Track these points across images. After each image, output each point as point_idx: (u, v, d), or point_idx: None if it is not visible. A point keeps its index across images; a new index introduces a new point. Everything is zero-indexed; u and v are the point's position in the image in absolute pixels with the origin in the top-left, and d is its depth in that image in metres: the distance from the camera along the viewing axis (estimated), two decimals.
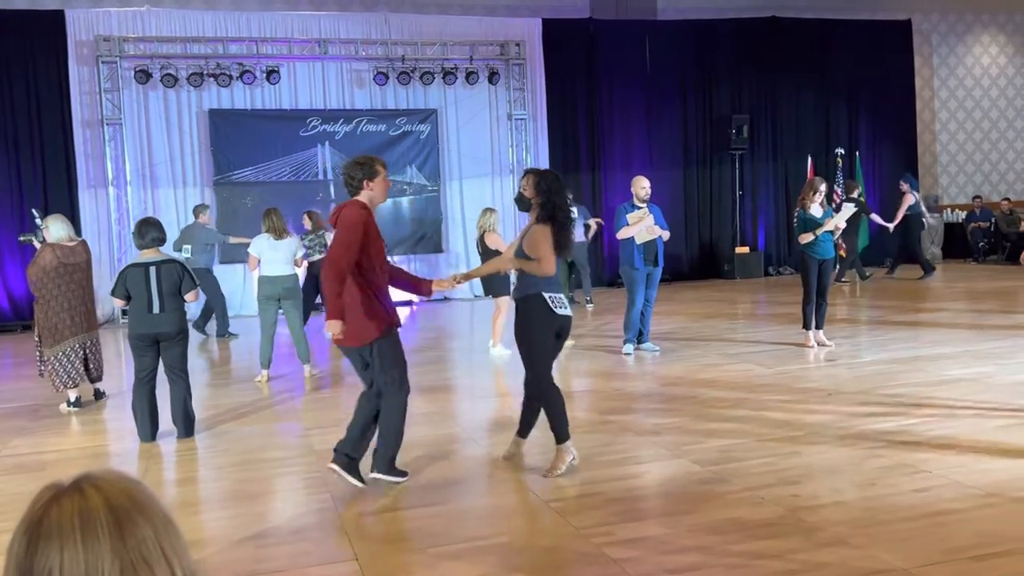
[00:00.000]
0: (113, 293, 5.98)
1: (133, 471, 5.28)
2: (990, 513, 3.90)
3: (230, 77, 12.96)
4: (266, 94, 13.46)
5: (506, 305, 8.76)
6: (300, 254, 8.22)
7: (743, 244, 15.91)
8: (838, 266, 14.28)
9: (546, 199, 4.70)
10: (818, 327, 8.38)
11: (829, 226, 8.22)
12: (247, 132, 13.20)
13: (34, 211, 8.11)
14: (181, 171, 13.21)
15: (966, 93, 17.93)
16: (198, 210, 10.97)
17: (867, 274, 13.96)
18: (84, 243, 7.15)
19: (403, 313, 12.63)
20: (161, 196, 13.13)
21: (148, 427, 5.98)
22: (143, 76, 12.64)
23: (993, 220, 16.81)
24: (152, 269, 5.85)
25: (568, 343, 9.09)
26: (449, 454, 5.38)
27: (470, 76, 14.03)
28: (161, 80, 12.75)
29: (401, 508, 4.39)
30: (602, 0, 15.27)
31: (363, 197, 4.70)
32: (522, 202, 4.87)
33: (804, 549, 3.62)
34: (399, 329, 4.74)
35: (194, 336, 9.52)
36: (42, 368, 7.06)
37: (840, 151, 15.25)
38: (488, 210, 8.97)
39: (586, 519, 4.09)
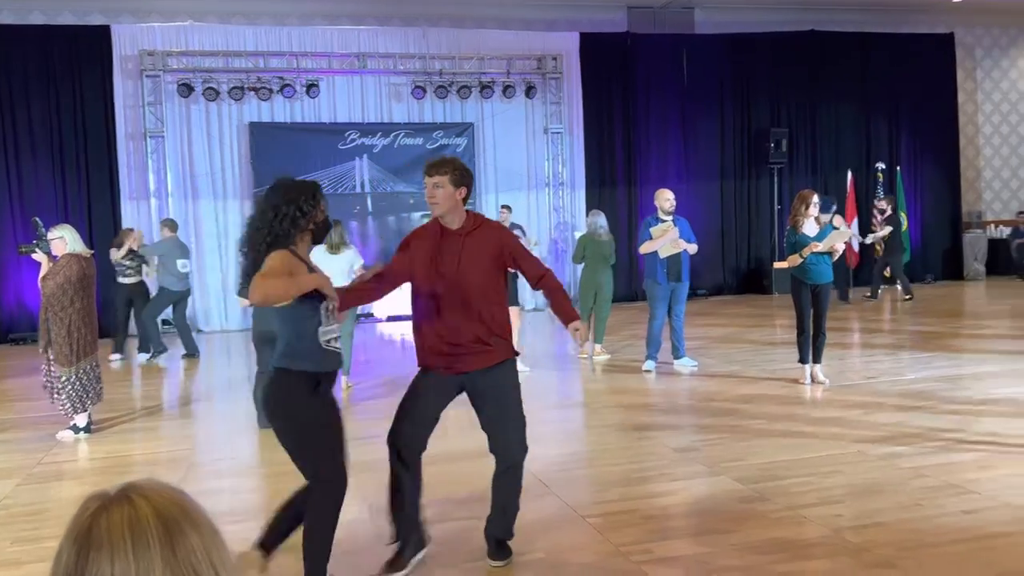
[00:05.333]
0: (239, 293, 6.58)
1: (172, 480, 5.32)
2: None
3: (270, 91, 13.12)
4: (305, 107, 13.61)
5: (518, 317, 8.54)
6: (358, 265, 8.32)
7: (782, 259, 15.72)
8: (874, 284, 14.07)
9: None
10: (815, 361, 7.37)
11: (820, 247, 7.09)
12: (286, 145, 13.34)
13: (37, 219, 7.10)
14: (222, 183, 13.38)
15: (1011, 107, 17.61)
16: (165, 223, 10.65)
17: (909, 294, 13.59)
18: (93, 257, 6.90)
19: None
20: (202, 207, 13.31)
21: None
22: (185, 90, 12.85)
23: None
24: None
25: (603, 357, 9.07)
26: (482, 468, 5.34)
27: (507, 90, 14.06)
28: (203, 94, 12.95)
29: (438, 521, 4.36)
30: (639, 14, 15.25)
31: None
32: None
33: (849, 571, 3.53)
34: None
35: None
36: (54, 388, 6.44)
37: (881, 166, 15.04)
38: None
39: (624, 536, 4.04)
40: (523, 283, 9.52)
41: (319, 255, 8.19)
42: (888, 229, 13.86)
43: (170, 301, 10.27)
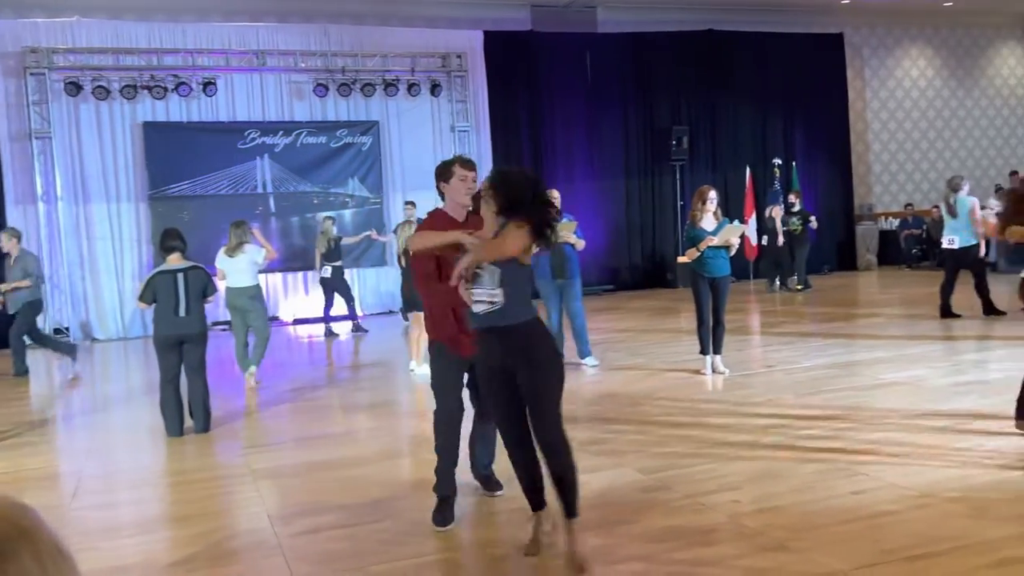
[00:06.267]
0: (140, 298, 6.50)
1: (63, 495, 5.09)
2: (924, 514, 3.96)
3: (165, 89, 12.71)
4: (203, 106, 13.23)
5: None
6: (262, 257, 8.24)
7: (684, 254, 16.08)
8: (777, 278, 14.53)
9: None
10: (715, 351, 7.53)
11: (716, 241, 7.30)
12: (183, 145, 12.94)
13: None
14: (115, 186, 12.89)
15: (897, 104, 18.45)
16: (15, 234, 9.64)
17: (799, 286, 14.05)
18: None
19: (341, 328, 12.46)
20: (94, 211, 12.80)
21: (177, 423, 6.39)
22: (73, 88, 12.33)
23: (924, 227, 17.30)
24: (180, 275, 6.36)
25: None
26: (393, 469, 5.30)
27: (412, 88, 13.97)
28: (92, 92, 12.45)
29: (342, 526, 4.30)
30: (543, 13, 15.37)
31: (446, 203, 4.35)
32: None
33: (745, 555, 3.63)
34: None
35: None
36: None
37: (777, 161, 15.54)
38: (408, 222, 8.98)
39: (530, 531, 4.04)
40: None
41: (221, 256, 8.19)
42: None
43: (38, 312, 9.59)
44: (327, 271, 11.79)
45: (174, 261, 6.44)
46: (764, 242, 14.55)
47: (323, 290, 12.09)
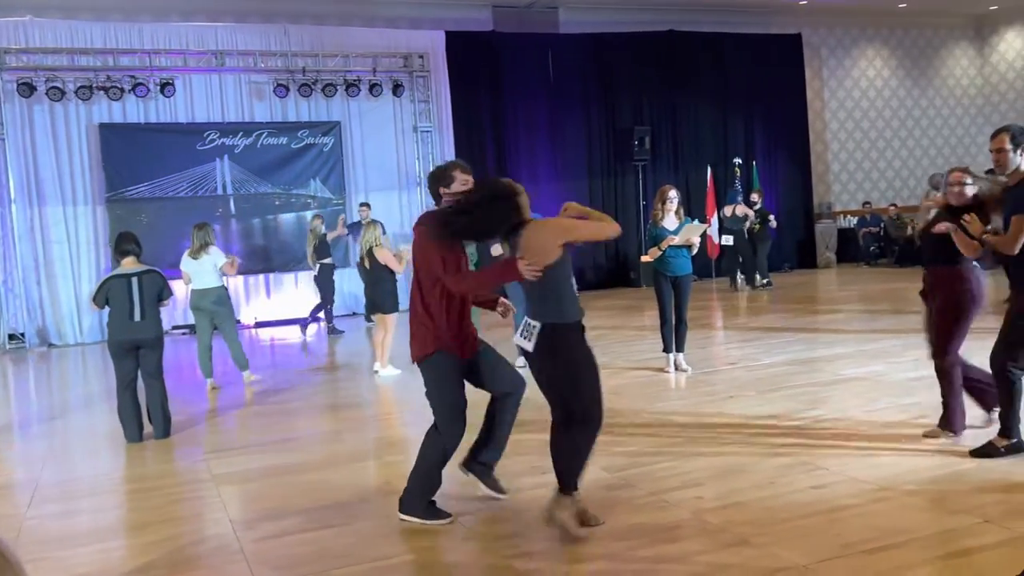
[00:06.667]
0: (93, 299, 6.42)
1: (19, 503, 4.98)
2: (883, 507, 4.02)
3: (121, 90, 12.52)
4: (161, 107, 13.04)
5: (392, 323, 8.54)
6: (223, 262, 8.17)
7: (647, 253, 16.16)
8: (742, 274, 14.67)
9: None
10: (678, 350, 7.59)
11: (677, 240, 7.40)
12: (141, 147, 12.74)
13: None
14: (71, 188, 12.65)
15: (854, 104, 18.74)
16: None
17: (764, 282, 14.21)
18: None
19: (311, 330, 12.35)
20: (49, 214, 12.55)
21: (136, 429, 6.30)
22: (26, 89, 12.09)
23: (882, 225, 17.59)
24: (134, 280, 6.28)
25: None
26: (355, 473, 5.26)
27: (374, 88, 13.90)
28: (47, 93, 12.23)
29: (304, 530, 4.26)
30: (504, 13, 15.37)
31: (442, 206, 4.31)
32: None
33: (708, 551, 3.66)
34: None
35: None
36: None
37: (738, 161, 15.71)
38: (371, 224, 8.96)
39: (494, 532, 4.05)
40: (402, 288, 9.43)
41: (185, 258, 8.12)
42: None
43: None
44: (316, 268, 11.83)
45: (128, 265, 6.37)
46: (731, 241, 14.62)
47: (316, 288, 12.11)
